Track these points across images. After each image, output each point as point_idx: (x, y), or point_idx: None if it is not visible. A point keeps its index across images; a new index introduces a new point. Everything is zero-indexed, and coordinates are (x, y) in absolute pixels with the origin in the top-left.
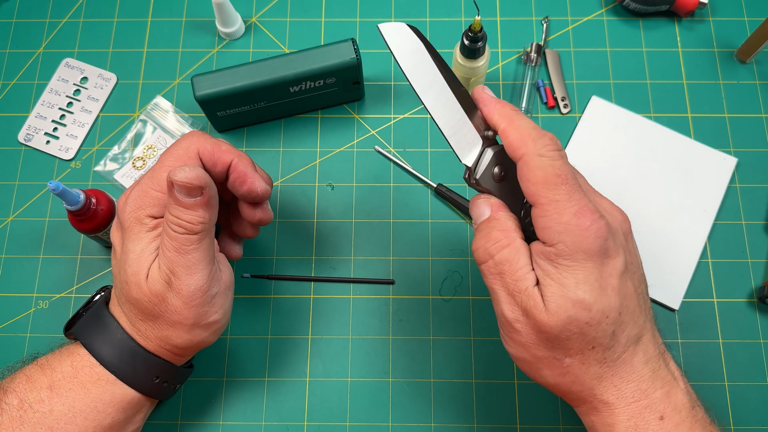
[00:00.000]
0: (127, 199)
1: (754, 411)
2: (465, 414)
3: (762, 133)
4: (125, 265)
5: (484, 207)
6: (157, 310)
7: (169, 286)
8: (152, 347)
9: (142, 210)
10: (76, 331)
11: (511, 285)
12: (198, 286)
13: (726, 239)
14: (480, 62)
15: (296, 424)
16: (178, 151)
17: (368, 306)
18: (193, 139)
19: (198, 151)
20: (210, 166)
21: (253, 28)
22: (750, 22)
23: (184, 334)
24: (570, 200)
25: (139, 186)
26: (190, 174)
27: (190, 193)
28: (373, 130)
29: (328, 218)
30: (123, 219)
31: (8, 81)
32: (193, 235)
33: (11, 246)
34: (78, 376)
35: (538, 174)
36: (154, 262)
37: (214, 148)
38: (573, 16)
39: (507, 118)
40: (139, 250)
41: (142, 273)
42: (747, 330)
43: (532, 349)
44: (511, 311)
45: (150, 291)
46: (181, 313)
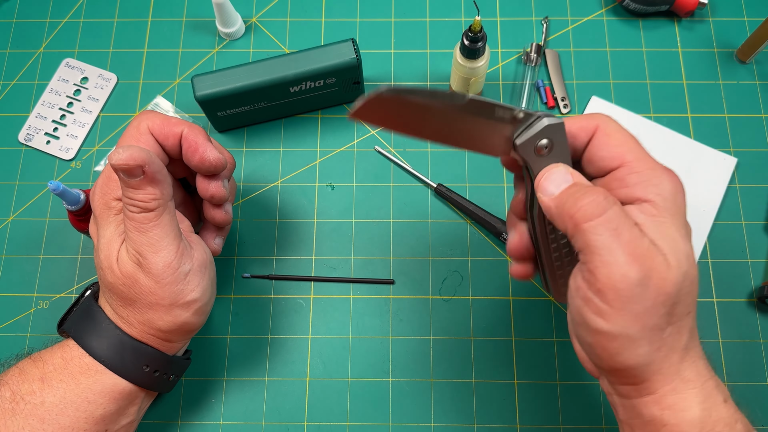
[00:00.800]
0: (95, 188)
1: (754, 411)
2: (465, 414)
3: (762, 133)
4: (98, 251)
5: (565, 172)
6: (132, 293)
7: (139, 266)
8: (137, 334)
9: (108, 195)
10: (67, 327)
11: (632, 243)
12: (166, 263)
13: (726, 239)
14: (480, 62)
15: (296, 424)
16: (131, 131)
17: (368, 306)
18: (142, 117)
19: (148, 128)
20: (162, 140)
21: (253, 28)
22: (750, 22)
23: (165, 316)
24: (650, 156)
25: (103, 173)
26: (124, 155)
27: (131, 173)
28: (373, 130)
29: (328, 218)
30: (94, 208)
31: (8, 81)
32: (149, 212)
33: (11, 246)
34: (68, 367)
35: (620, 136)
36: (123, 245)
37: (163, 122)
38: (573, 16)
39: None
40: (109, 235)
41: (113, 257)
42: (747, 330)
43: (645, 319)
44: (636, 272)
45: (122, 273)
46: (155, 293)
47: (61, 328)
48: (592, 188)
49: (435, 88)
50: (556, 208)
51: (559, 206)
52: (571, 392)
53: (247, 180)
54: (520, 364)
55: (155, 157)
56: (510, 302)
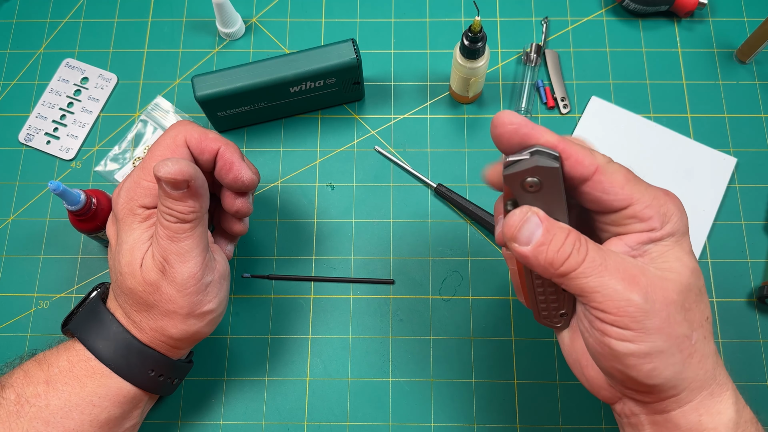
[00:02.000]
0: (120, 191)
1: (754, 411)
2: (465, 414)
3: (761, 133)
4: (119, 256)
5: (533, 218)
6: (151, 300)
7: (163, 274)
8: (147, 339)
9: (134, 201)
10: (72, 327)
11: (621, 268)
12: (191, 273)
13: (725, 239)
14: (480, 62)
15: (296, 423)
16: (167, 141)
17: (368, 306)
18: (180, 128)
19: (185, 140)
20: (197, 154)
21: (254, 29)
22: (749, 22)
23: (179, 324)
24: (652, 186)
25: (131, 177)
26: (173, 168)
27: (177, 186)
28: (373, 130)
29: (328, 218)
30: (117, 211)
31: (9, 81)
32: (185, 223)
33: (12, 246)
34: (74, 371)
35: (620, 176)
36: (148, 251)
37: (201, 136)
38: (573, 17)
39: (557, 136)
40: (132, 241)
41: (136, 262)
42: (747, 330)
43: (668, 329)
44: (638, 292)
45: (144, 279)
46: (175, 302)
47: (66, 328)
48: (565, 235)
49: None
50: (533, 259)
51: (535, 257)
52: (571, 392)
53: None
54: (520, 364)
55: (200, 172)
56: (510, 302)
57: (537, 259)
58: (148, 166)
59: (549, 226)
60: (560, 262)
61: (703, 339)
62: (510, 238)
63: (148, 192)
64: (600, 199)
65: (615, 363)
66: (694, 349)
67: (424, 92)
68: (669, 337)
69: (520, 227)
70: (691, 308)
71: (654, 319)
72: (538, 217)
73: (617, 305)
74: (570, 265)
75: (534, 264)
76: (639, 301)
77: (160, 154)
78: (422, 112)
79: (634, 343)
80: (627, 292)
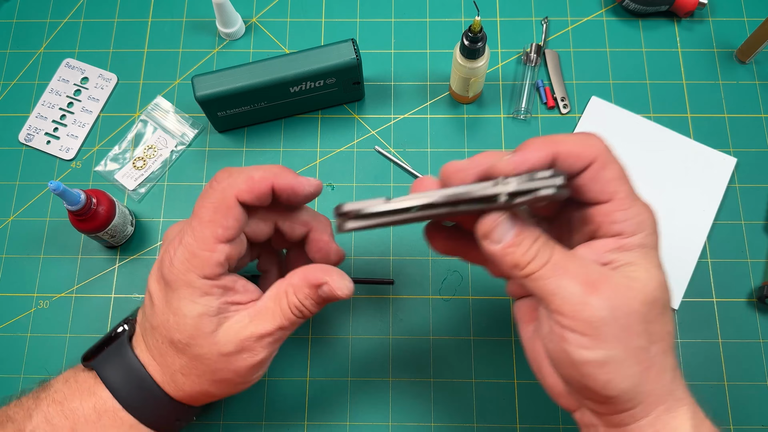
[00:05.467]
0: (173, 260)
1: (754, 411)
2: (465, 414)
3: (761, 133)
4: (181, 326)
5: (507, 221)
6: (215, 367)
7: (242, 353)
8: (181, 395)
9: (192, 273)
10: (99, 370)
11: (583, 273)
12: (268, 357)
13: (725, 239)
14: (480, 62)
15: (296, 424)
16: (214, 202)
17: (368, 306)
18: (225, 184)
19: (236, 197)
20: (252, 203)
21: (254, 29)
22: (749, 22)
23: (225, 389)
24: (637, 195)
25: (185, 246)
26: (351, 288)
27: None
28: (373, 130)
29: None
30: (170, 279)
31: (9, 81)
32: (303, 319)
33: (12, 246)
34: (101, 421)
35: (615, 169)
36: (230, 325)
37: (249, 186)
38: (573, 17)
39: (548, 144)
40: (198, 314)
41: (206, 335)
42: (747, 330)
43: (626, 339)
44: (596, 298)
45: (220, 352)
46: (242, 376)
47: (89, 364)
48: (534, 239)
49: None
50: (501, 258)
51: (503, 257)
52: None
53: None
54: (520, 363)
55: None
56: (510, 302)
57: (504, 259)
58: (201, 234)
59: (520, 230)
60: (525, 263)
61: (663, 353)
62: (482, 236)
63: (205, 263)
64: (585, 186)
65: (572, 371)
66: (652, 362)
67: (424, 92)
68: (627, 348)
69: (494, 227)
70: (653, 321)
71: (612, 326)
72: (512, 219)
73: (574, 309)
74: (532, 267)
75: (501, 263)
76: (596, 306)
77: (212, 219)
78: (422, 112)
79: (590, 351)
80: (585, 296)
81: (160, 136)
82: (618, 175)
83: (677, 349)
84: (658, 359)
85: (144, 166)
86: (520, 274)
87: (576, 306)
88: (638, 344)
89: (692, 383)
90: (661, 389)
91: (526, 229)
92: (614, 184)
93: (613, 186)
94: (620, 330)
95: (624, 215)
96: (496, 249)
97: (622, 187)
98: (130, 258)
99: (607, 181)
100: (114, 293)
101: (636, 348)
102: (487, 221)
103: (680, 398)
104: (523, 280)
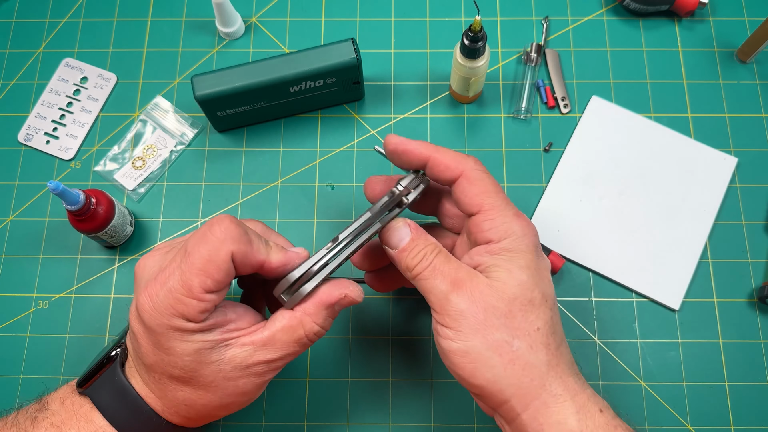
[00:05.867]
0: (155, 304)
1: (754, 411)
2: (465, 414)
3: (762, 133)
4: (179, 364)
5: (404, 229)
6: (223, 393)
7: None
8: (183, 422)
9: (176, 319)
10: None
11: (453, 273)
12: (273, 376)
13: (726, 239)
14: (480, 62)
15: (296, 424)
16: (209, 252)
17: (368, 306)
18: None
19: (232, 256)
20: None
21: (253, 28)
22: (750, 22)
23: (233, 409)
24: (508, 205)
25: (169, 291)
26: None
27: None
28: (373, 130)
29: (328, 218)
30: (151, 324)
31: (8, 81)
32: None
33: (11, 246)
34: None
35: (480, 184)
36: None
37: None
38: (573, 16)
39: (432, 148)
40: (195, 350)
41: (209, 364)
42: (747, 330)
43: (483, 331)
44: (458, 294)
45: (226, 378)
46: (242, 398)
47: (84, 392)
48: (424, 244)
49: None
50: (397, 261)
51: (399, 260)
52: None
53: (247, 180)
54: None
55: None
56: None
57: (399, 263)
58: (189, 282)
59: (415, 236)
60: (413, 266)
61: (529, 348)
62: (384, 243)
63: (194, 309)
64: (459, 200)
65: (447, 362)
66: (515, 355)
67: (424, 92)
68: (485, 339)
69: (391, 233)
70: (514, 317)
71: (470, 319)
72: (409, 228)
73: (441, 304)
74: (418, 269)
75: (398, 266)
76: (456, 301)
77: (202, 268)
78: (422, 112)
79: (454, 342)
80: (449, 293)
81: (159, 135)
82: (484, 190)
83: (678, 350)
84: (522, 353)
85: (143, 166)
86: (410, 275)
87: (442, 301)
88: (498, 337)
89: (693, 383)
90: (530, 383)
91: (420, 237)
92: (480, 197)
93: (479, 199)
94: (479, 323)
95: (490, 224)
96: (393, 254)
97: (489, 200)
98: (130, 258)
99: (473, 195)
100: (113, 293)
101: (496, 341)
102: (386, 229)
103: (558, 395)
104: (412, 280)
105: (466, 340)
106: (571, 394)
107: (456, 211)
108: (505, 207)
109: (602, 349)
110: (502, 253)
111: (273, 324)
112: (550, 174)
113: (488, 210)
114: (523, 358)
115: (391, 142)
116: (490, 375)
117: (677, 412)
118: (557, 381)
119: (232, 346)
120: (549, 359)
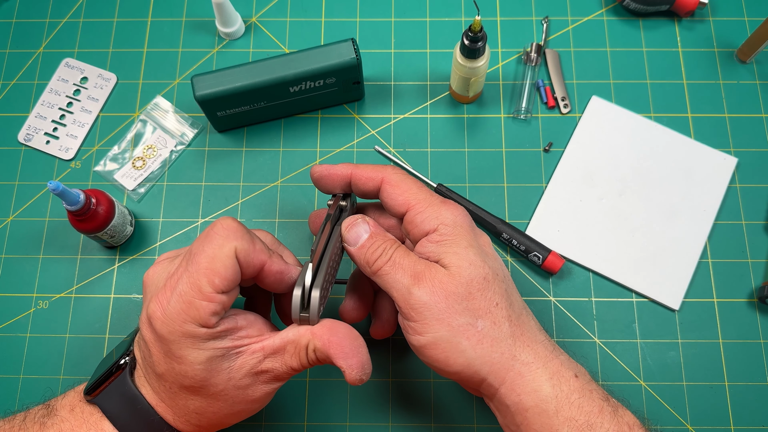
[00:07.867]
0: (166, 311)
1: (754, 411)
2: (465, 414)
3: (762, 133)
4: (190, 373)
5: (363, 225)
6: (234, 401)
7: (258, 383)
8: (188, 429)
9: (189, 324)
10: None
11: (412, 267)
12: (282, 383)
13: (726, 239)
14: (480, 62)
15: (296, 424)
16: (213, 249)
17: None
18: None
19: (235, 253)
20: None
21: (253, 28)
22: (750, 22)
23: (243, 416)
24: (432, 196)
25: (180, 295)
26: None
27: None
28: (373, 130)
29: None
30: (163, 332)
31: (8, 81)
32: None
33: (11, 246)
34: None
35: (403, 185)
36: (246, 360)
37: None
38: (573, 16)
39: (350, 166)
40: (207, 358)
41: (220, 372)
42: (747, 330)
43: (447, 319)
44: (419, 287)
45: (237, 386)
46: (253, 406)
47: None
48: (383, 239)
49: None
50: (357, 257)
51: (358, 256)
52: None
53: (247, 180)
54: None
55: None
56: None
57: (359, 258)
58: (197, 282)
59: (374, 232)
60: (372, 261)
61: (492, 324)
62: (345, 241)
63: (204, 312)
64: (387, 205)
65: (421, 357)
66: (483, 335)
67: (424, 92)
68: (450, 327)
69: (351, 231)
70: (474, 297)
71: (433, 310)
72: (368, 224)
73: (404, 299)
74: (378, 264)
75: (357, 262)
76: (417, 294)
77: (208, 267)
78: (422, 112)
79: (423, 336)
80: (411, 287)
81: (159, 135)
82: (407, 189)
83: (678, 350)
84: (488, 331)
85: (143, 166)
86: (370, 270)
87: (405, 296)
88: (462, 322)
89: (693, 383)
90: (500, 357)
91: (379, 233)
92: (405, 196)
93: (404, 198)
94: (441, 312)
95: (422, 216)
96: (352, 250)
97: (414, 197)
98: (130, 258)
99: (398, 195)
100: (113, 293)
101: (461, 325)
102: (346, 222)
103: (528, 362)
104: (373, 277)
105: (433, 331)
106: (543, 360)
107: (391, 222)
108: (431, 198)
109: (602, 349)
110: (443, 239)
111: (285, 333)
112: (550, 174)
113: (416, 205)
114: (489, 336)
115: (316, 171)
116: (462, 359)
117: (677, 412)
118: (526, 349)
119: (242, 354)
120: (513, 330)
